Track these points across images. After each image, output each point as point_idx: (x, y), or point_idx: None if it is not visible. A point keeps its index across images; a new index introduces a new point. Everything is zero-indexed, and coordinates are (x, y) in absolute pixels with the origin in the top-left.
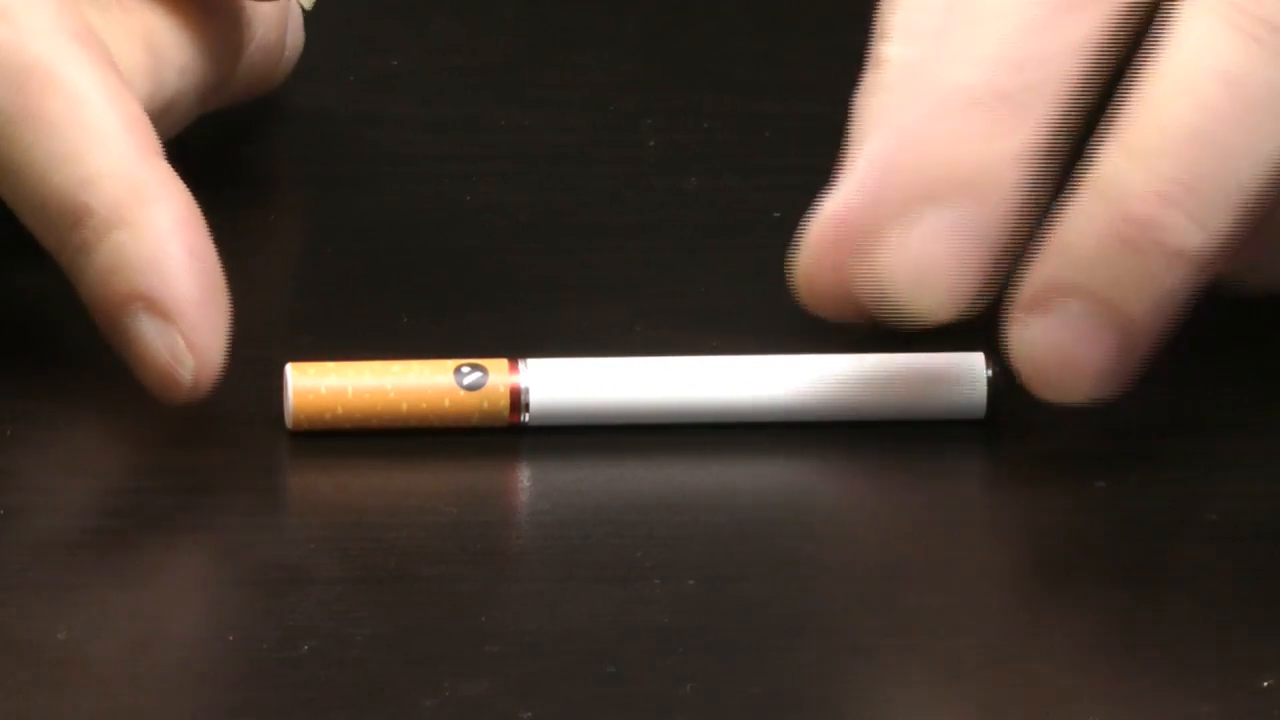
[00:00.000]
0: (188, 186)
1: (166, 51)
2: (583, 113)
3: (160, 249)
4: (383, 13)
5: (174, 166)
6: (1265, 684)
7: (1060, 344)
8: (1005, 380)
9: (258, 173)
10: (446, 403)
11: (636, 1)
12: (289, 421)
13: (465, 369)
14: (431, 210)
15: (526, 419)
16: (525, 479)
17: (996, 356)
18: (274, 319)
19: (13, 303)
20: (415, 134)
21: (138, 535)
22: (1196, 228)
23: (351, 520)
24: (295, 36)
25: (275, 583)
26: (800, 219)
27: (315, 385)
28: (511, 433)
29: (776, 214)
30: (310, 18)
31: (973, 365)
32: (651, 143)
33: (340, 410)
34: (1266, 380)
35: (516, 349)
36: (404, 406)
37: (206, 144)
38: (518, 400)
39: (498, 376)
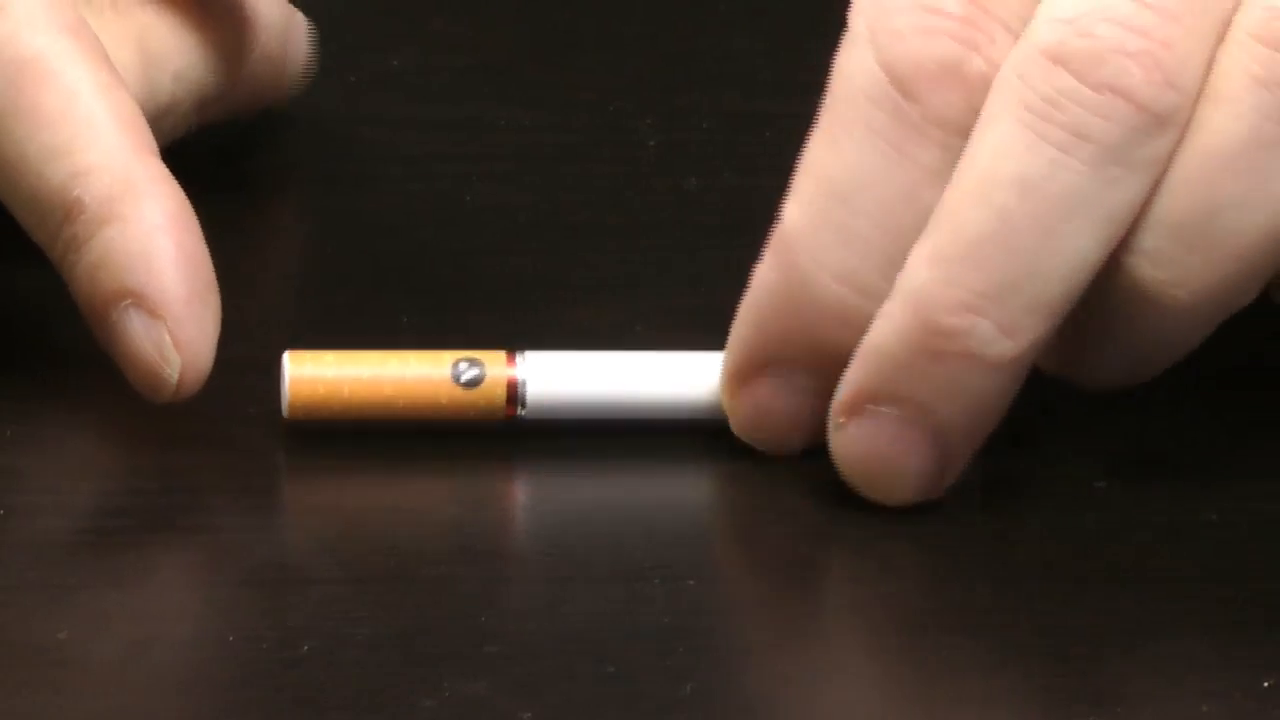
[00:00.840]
0: (187, 186)
1: (161, 56)
2: (583, 113)
3: (150, 244)
4: (383, 13)
5: (174, 166)
6: (1265, 684)
7: (877, 447)
8: None
9: (258, 172)
10: (444, 400)
11: (636, 1)
12: (285, 410)
13: (463, 365)
14: (431, 210)
15: (523, 412)
16: (525, 479)
17: None
18: (274, 319)
19: (13, 303)
20: (415, 134)
21: (138, 535)
22: (1003, 335)
23: (351, 520)
24: (300, 49)
25: (275, 583)
26: None
27: (313, 376)
28: (509, 427)
29: (776, 214)
30: (310, 18)
31: None
32: (651, 143)
33: (336, 404)
34: (1266, 381)
35: (516, 348)
36: (400, 402)
37: (206, 144)
38: (514, 393)
39: (495, 369)
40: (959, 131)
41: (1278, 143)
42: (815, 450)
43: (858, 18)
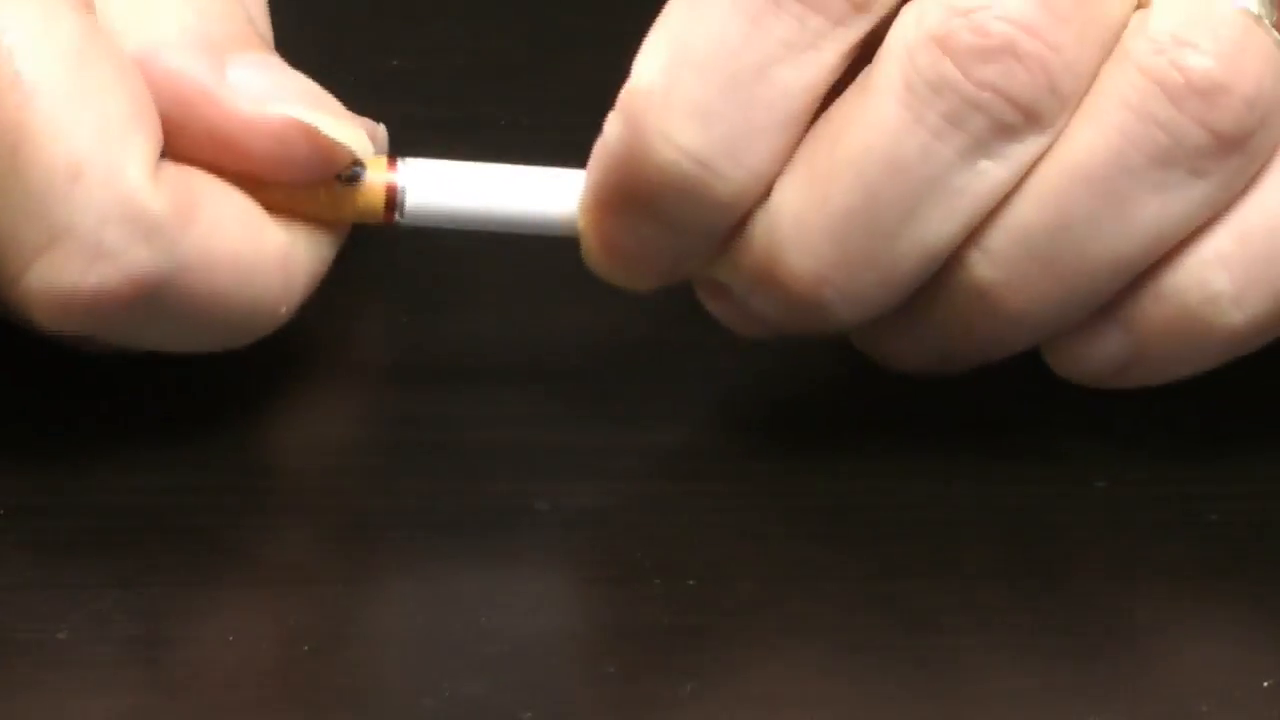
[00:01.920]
0: None
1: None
2: (583, 113)
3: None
4: (383, 13)
5: None
6: (1265, 684)
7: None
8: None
9: None
10: (322, 194)
11: (636, 1)
12: None
13: (356, 168)
14: None
15: (400, 219)
16: (525, 479)
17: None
18: None
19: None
20: (415, 134)
21: (138, 535)
22: (847, 304)
23: (352, 520)
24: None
25: (275, 583)
26: None
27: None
28: (387, 231)
29: None
30: (310, 18)
31: None
32: None
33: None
34: (1266, 381)
35: (517, 348)
36: (280, 194)
37: None
38: (394, 199)
39: (375, 174)
40: (821, 10)
41: (1140, 172)
42: (814, 450)
43: None
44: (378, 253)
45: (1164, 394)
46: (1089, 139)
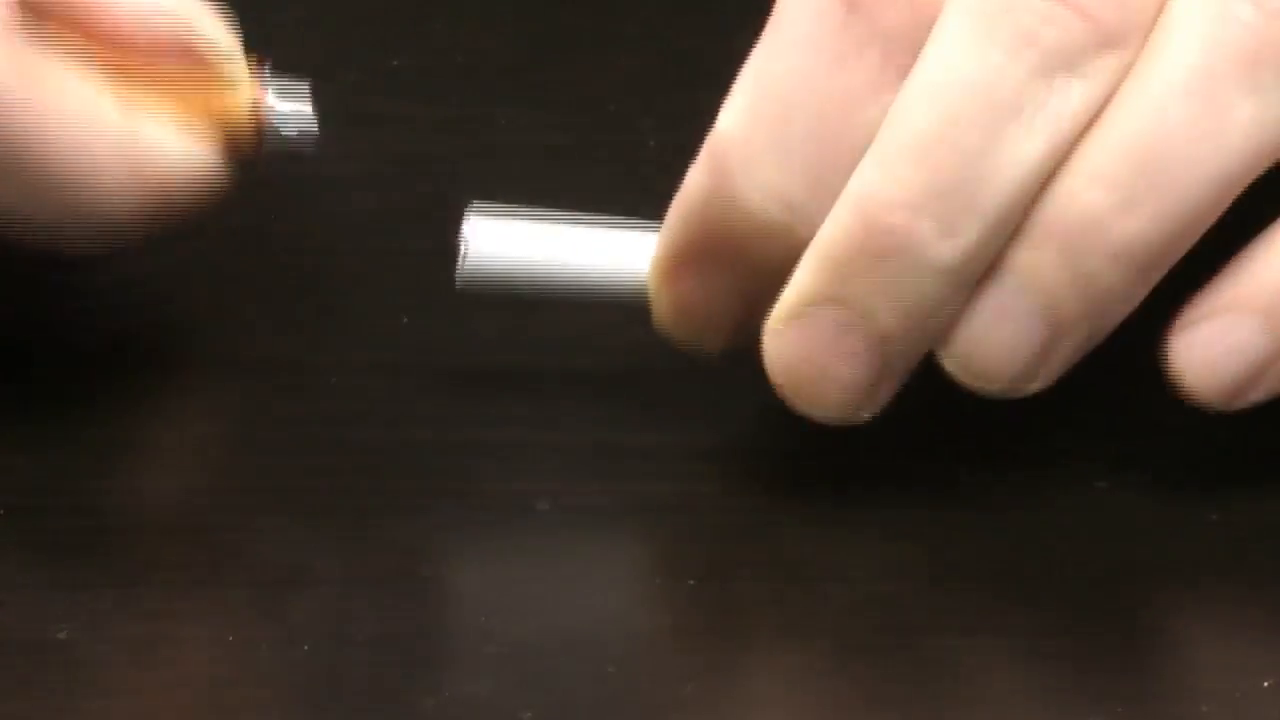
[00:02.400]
0: None
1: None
2: (583, 113)
3: None
4: (383, 13)
5: None
6: (1265, 684)
7: (813, 352)
8: None
9: (257, 173)
10: (189, 92)
11: (636, 1)
12: None
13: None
14: (431, 210)
15: (458, 279)
16: (525, 479)
17: None
18: (273, 319)
19: (12, 302)
20: (415, 134)
21: (137, 536)
22: (944, 236)
23: (351, 520)
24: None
25: (275, 583)
26: None
27: None
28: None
29: None
30: (310, 18)
31: None
32: (651, 143)
33: None
34: None
35: (518, 348)
36: (149, 87)
37: None
38: (261, 107)
39: (240, 76)
40: (903, 47)
41: (1231, 75)
42: (814, 450)
43: None
44: (377, 252)
45: (1164, 394)
46: (1174, 48)
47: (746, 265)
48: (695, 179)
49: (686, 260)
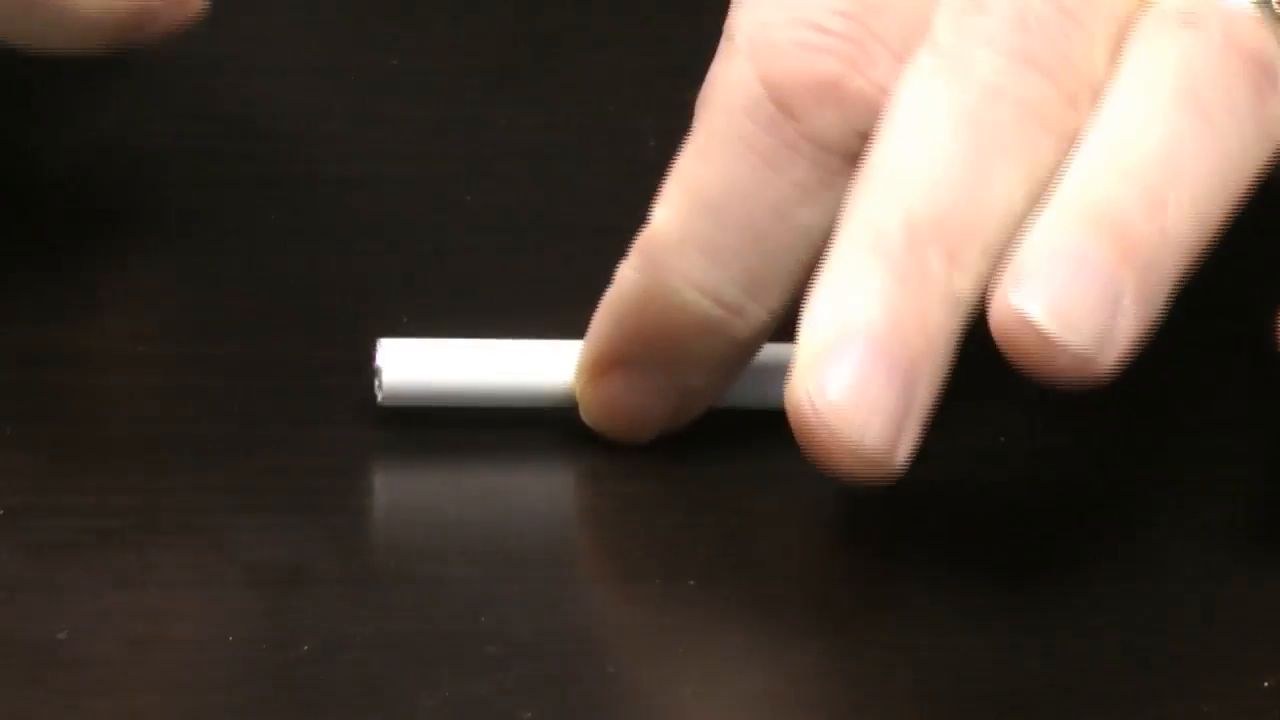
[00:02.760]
0: (186, 186)
1: None
2: (583, 113)
3: None
4: (383, 13)
5: (176, 168)
6: (1265, 684)
7: (852, 389)
8: None
9: (257, 173)
10: None
11: (636, 1)
12: None
13: None
14: (431, 210)
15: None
16: (525, 479)
17: None
18: (273, 318)
19: (11, 302)
20: (415, 134)
21: (138, 535)
22: (953, 269)
23: (351, 520)
24: None
25: (275, 583)
26: None
27: None
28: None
29: None
30: (310, 18)
31: None
32: (651, 143)
33: None
34: (1266, 380)
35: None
36: None
37: (206, 142)
38: None
39: None
40: (835, 150)
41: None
42: None
43: (737, 30)
44: (376, 252)
45: (1164, 394)
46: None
47: (677, 360)
48: (627, 275)
49: (616, 359)
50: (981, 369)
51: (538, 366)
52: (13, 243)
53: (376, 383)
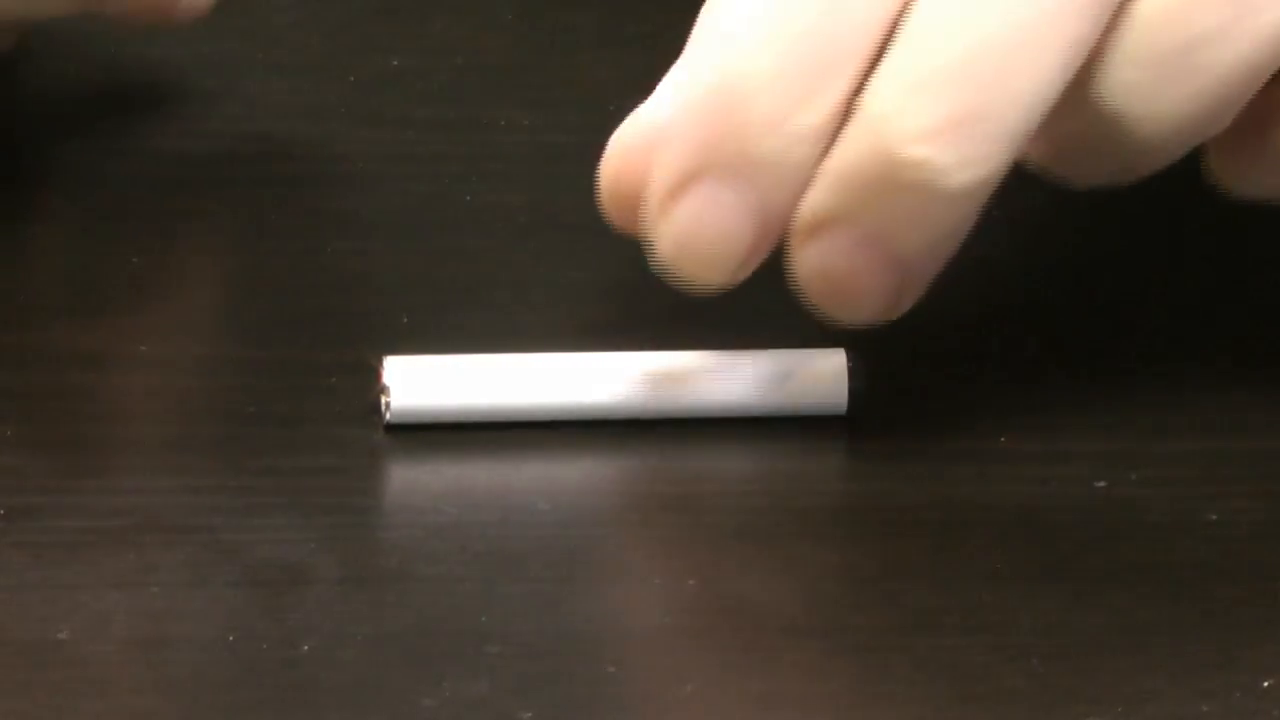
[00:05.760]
0: (186, 186)
1: None
2: (583, 113)
3: None
4: (383, 13)
5: (172, 168)
6: (1265, 684)
7: (835, 268)
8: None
9: (257, 172)
10: None
11: (636, 1)
12: None
13: None
14: (431, 210)
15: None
16: (525, 479)
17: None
18: (273, 318)
19: (11, 302)
20: (415, 134)
21: (138, 535)
22: (964, 165)
23: (351, 520)
24: None
25: (275, 583)
26: None
27: None
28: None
29: None
30: (310, 18)
31: (833, 361)
32: None
33: None
34: (1266, 380)
35: (518, 348)
36: None
37: (206, 142)
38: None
39: None
40: None
41: None
42: (814, 450)
43: None
44: (376, 252)
45: (1164, 394)
46: None
47: (753, 166)
48: (695, 89)
49: (690, 174)
50: (982, 369)
51: (547, 382)
52: (13, 243)
53: (383, 401)
